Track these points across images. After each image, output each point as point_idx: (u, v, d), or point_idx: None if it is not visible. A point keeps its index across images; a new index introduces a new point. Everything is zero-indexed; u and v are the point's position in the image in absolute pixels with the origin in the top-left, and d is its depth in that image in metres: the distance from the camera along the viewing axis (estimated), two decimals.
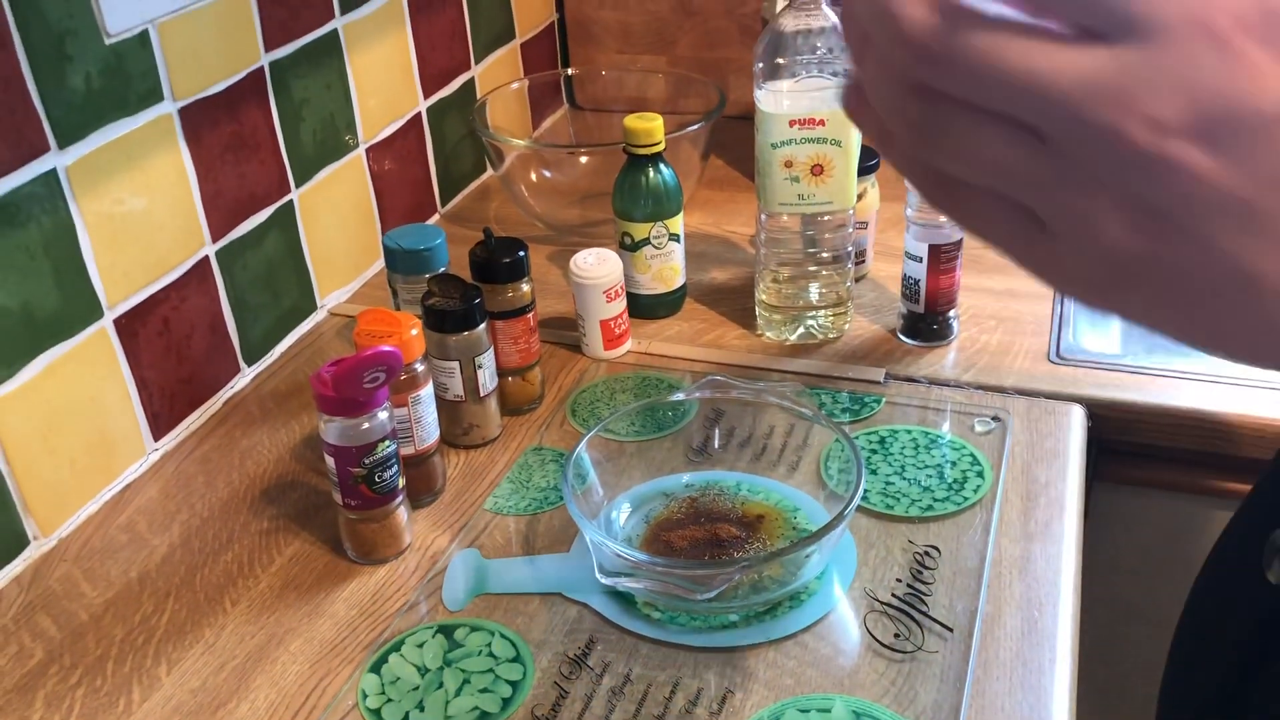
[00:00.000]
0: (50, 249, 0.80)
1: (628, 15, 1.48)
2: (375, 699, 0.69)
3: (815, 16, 0.91)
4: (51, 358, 0.81)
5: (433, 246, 0.93)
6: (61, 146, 0.80)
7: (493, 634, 0.73)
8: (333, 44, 1.06)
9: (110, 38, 0.82)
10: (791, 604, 0.73)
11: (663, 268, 1.03)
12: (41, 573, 0.81)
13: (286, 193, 1.03)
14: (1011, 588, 0.74)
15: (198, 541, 0.83)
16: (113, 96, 0.83)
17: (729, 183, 1.32)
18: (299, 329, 1.07)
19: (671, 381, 0.96)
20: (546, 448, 0.90)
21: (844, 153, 0.92)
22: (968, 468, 0.84)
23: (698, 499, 0.82)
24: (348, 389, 0.72)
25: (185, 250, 0.93)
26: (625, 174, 1.02)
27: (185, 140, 0.91)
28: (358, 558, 0.80)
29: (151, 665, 0.73)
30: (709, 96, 1.24)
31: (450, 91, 1.27)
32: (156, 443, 0.92)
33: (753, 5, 1.42)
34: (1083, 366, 0.94)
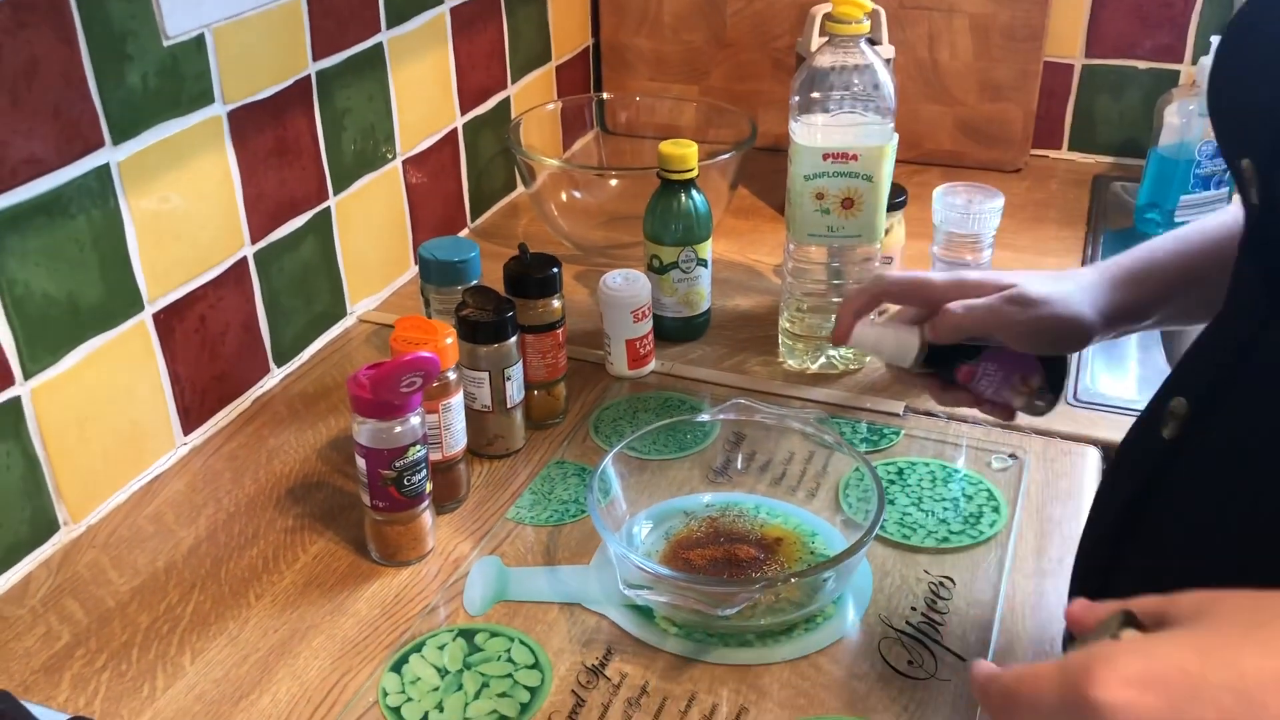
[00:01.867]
0: (98, 242, 0.82)
1: (662, 44, 1.50)
2: (395, 697, 0.70)
3: (852, 53, 0.93)
4: (92, 348, 0.83)
5: (467, 259, 0.95)
6: (116, 143, 0.82)
7: (512, 640, 0.74)
8: (377, 57, 1.09)
9: (169, 40, 0.85)
10: (808, 626, 0.74)
11: (689, 292, 1.05)
12: (70, 558, 0.82)
13: (325, 199, 1.05)
14: (1024, 622, 0.75)
15: (224, 535, 0.84)
16: (167, 96, 0.86)
17: (755, 212, 1.34)
18: (329, 333, 1.09)
19: (693, 403, 0.98)
20: (569, 462, 0.92)
21: (874, 188, 0.94)
22: (984, 502, 0.85)
23: (717, 519, 0.83)
24: (385, 392, 0.74)
25: (225, 250, 0.94)
26: (657, 198, 1.04)
27: (232, 143, 0.93)
28: (381, 559, 0.81)
29: (176, 653, 0.74)
30: (739, 127, 1.26)
31: (486, 109, 1.30)
32: (186, 437, 0.94)
33: (786, 40, 1.44)
34: (1099, 409, 0.95)
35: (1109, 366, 1.02)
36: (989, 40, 1.37)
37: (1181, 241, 0.72)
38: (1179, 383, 0.59)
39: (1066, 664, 0.41)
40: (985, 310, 0.71)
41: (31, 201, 0.76)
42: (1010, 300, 0.71)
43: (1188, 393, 0.56)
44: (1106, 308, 0.72)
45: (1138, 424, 0.63)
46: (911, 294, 0.73)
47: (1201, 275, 0.70)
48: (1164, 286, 0.72)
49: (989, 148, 1.43)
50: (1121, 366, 1.02)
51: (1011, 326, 0.72)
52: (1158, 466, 0.57)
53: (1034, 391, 0.72)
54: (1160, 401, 0.59)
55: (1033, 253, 1.22)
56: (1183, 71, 1.38)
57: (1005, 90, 1.39)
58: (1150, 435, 0.58)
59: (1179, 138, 1.22)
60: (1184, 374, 0.60)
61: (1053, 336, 0.72)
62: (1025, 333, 0.72)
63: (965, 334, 0.72)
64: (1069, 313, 0.71)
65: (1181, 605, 0.43)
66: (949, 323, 0.73)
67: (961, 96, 1.40)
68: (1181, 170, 1.23)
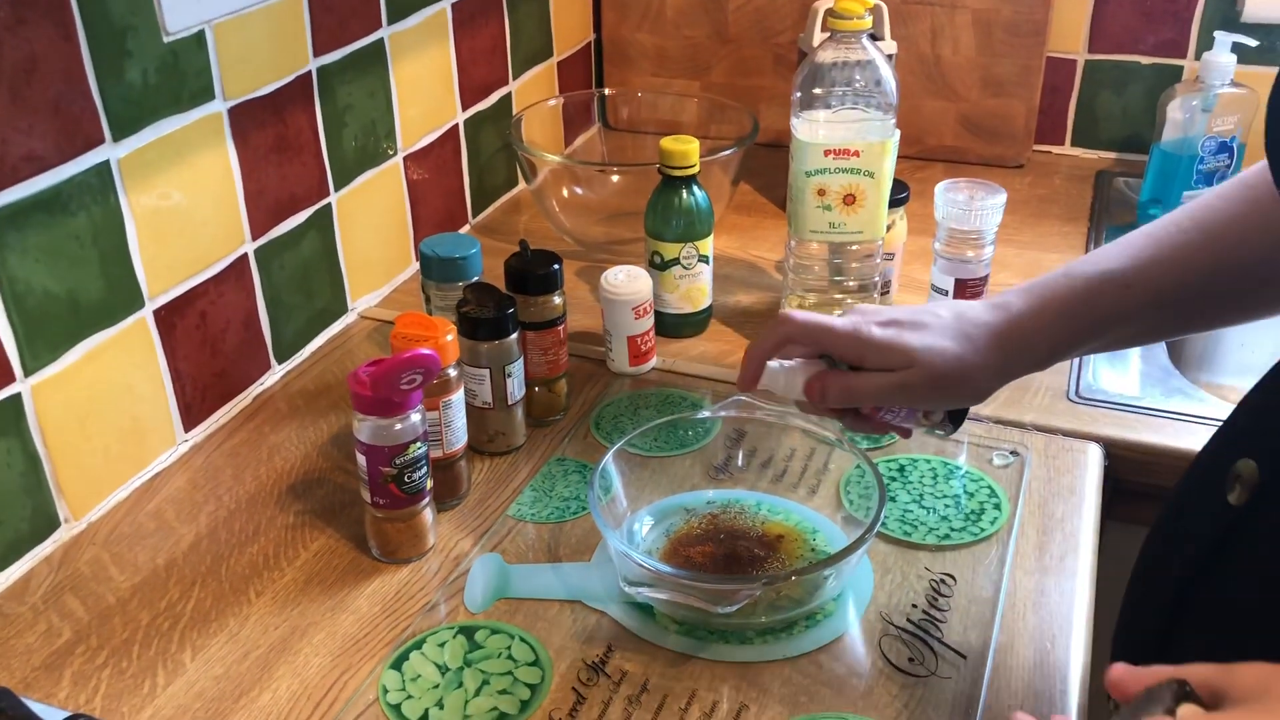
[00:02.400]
0: (99, 238, 0.82)
1: (664, 39, 1.50)
2: (396, 695, 0.70)
3: (854, 49, 0.93)
4: (92, 344, 0.83)
5: (468, 255, 0.95)
6: (116, 139, 0.82)
7: (513, 637, 0.74)
8: (378, 53, 1.09)
9: (169, 36, 0.84)
10: (808, 623, 0.74)
11: (690, 288, 1.05)
12: (71, 555, 0.82)
13: (325, 196, 1.05)
14: (1025, 619, 0.75)
15: (224, 532, 0.84)
16: (167, 93, 0.85)
17: (757, 208, 1.34)
18: (329, 330, 1.09)
19: (694, 400, 0.98)
20: (569, 459, 0.91)
21: (876, 184, 0.94)
22: (985, 499, 0.85)
23: (718, 516, 0.83)
24: (385, 389, 0.74)
25: (226, 247, 0.94)
26: (659, 194, 1.04)
27: (233, 139, 0.93)
28: (382, 556, 0.81)
29: (176, 650, 0.74)
30: (741, 123, 1.25)
31: (487, 105, 1.30)
32: (187, 434, 0.94)
33: (788, 35, 1.44)
34: (1101, 406, 0.95)
35: (1111, 362, 1.02)
36: (991, 36, 1.36)
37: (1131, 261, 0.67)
38: (1245, 441, 0.55)
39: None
40: (877, 390, 0.69)
41: (31, 198, 0.76)
42: (904, 387, 0.68)
43: (1258, 454, 0.52)
44: (1011, 369, 0.69)
45: (1194, 483, 0.58)
46: (812, 339, 0.71)
47: (1154, 299, 0.66)
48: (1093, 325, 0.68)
49: (991, 143, 1.42)
50: (1124, 362, 1.02)
51: (905, 402, 0.70)
52: (1222, 535, 0.53)
53: (936, 423, 0.73)
54: (1222, 460, 0.55)
55: (1035, 249, 1.22)
56: (1186, 67, 1.38)
57: (1008, 86, 1.38)
58: (1212, 499, 0.54)
59: (1182, 133, 1.22)
60: (1252, 431, 0.56)
61: (945, 403, 0.71)
62: (917, 404, 0.70)
63: (855, 403, 0.70)
64: (966, 389, 0.69)
65: (1243, 679, 0.40)
66: (840, 393, 0.70)
67: (964, 92, 1.40)
68: (1184, 166, 1.22)
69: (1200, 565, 0.54)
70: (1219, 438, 0.58)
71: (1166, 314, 0.67)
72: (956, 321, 0.69)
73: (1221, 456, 0.56)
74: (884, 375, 0.68)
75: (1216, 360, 1.21)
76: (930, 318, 0.69)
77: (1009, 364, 0.68)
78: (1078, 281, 0.67)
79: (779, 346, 0.71)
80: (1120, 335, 0.69)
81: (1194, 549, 0.55)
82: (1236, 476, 0.53)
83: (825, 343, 0.70)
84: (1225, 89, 1.19)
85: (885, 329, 0.68)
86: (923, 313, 0.70)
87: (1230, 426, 0.58)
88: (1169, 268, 0.66)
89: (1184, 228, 0.66)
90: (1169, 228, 0.67)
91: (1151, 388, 0.99)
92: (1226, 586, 0.53)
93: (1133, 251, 0.67)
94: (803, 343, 0.71)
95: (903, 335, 0.68)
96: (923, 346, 0.67)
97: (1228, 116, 1.20)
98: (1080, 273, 0.68)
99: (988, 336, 0.68)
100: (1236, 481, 0.53)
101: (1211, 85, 1.19)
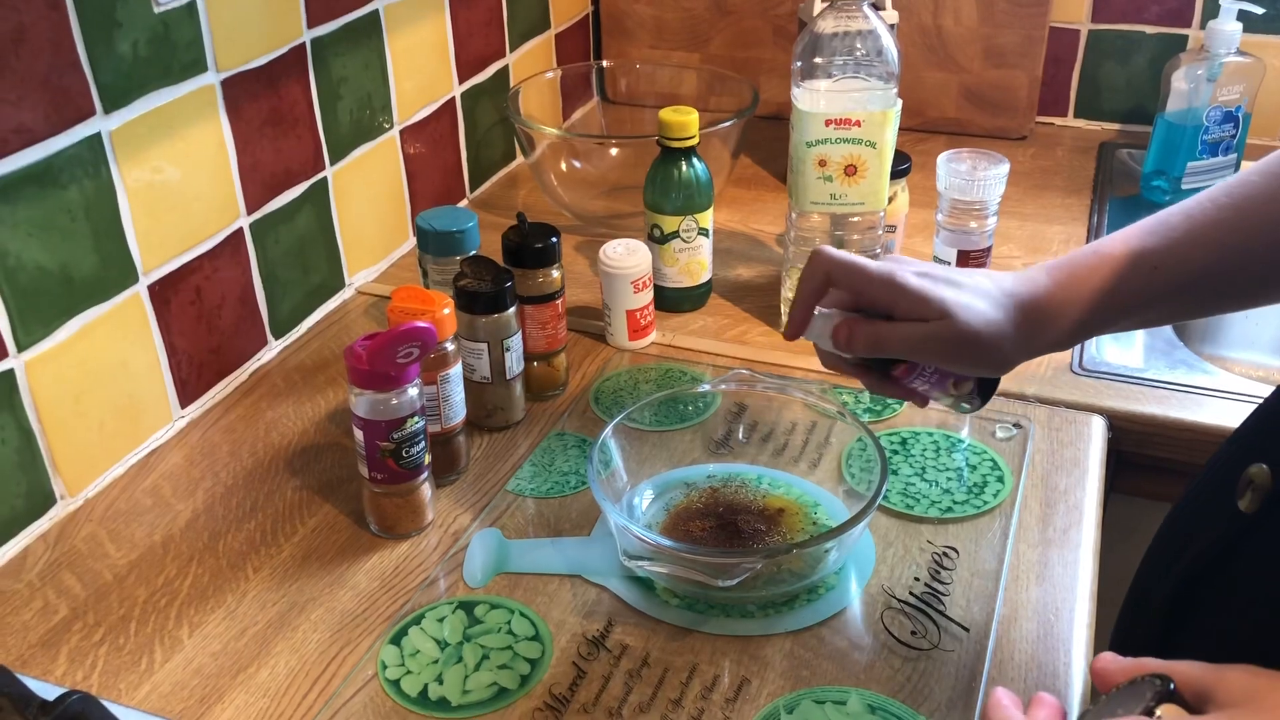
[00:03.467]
0: (91, 212, 0.81)
1: (662, 11, 1.48)
2: (395, 670, 0.69)
3: (855, 18, 0.91)
4: (86, 320, 0.82)
5: (465, 229, 0.94)
6: (107, 111, 0.81)
7: (512, 612, 0.73)
8: (373, 24, 1.07)
9: (159, 7, 0.83)
10: (809, 597, 0.74)
11: (690, 261, 1.04)
12: (67, 532, 0.82)
13: (321, 170, 1.04)
14: (1028, 591, 0.74)
15: (221, 509, 0.84)
16: (158, 65, 0.84)
17: (757, 181, 1.33)
18: (326, 305, 1.08)
19: (694, 374, 0.97)
20: (569, 433, 0.91)
21: (878, 154, 0.93)
22: (988, 472, 0.84)
23: (719, 490, 0.83)
24: (381, 363, 0.73)
25: (220, 221, 0.93)
26: (658, 167, 1.03)
27: (226, 112, 0.92)
28: (380, 531, 0.80)
29: (173, 627, 0.73)
30: (741, 95, 1.24)
31: (484, 78, 1.28)
32: (183, 410, 0.93)
33: (788, 6, 1.43)
34: (1105, 378, 0.94)
35: (1115, 335, 1.01)
36: (994, 6, 1.35)
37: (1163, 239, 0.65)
38: (1257, 445, 0.54)
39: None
40: (906, 339, 0.67)
41: (22, 171, 0.75)
42: (934, 338, 0.66)
43: (1271, 460, 0.51)
44: (1035, 345, 0.67)
45: (1204, 488, 0.57)
46: (845, 277, 0.68)
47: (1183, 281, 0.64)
48: (1119, 307, 0.66)
49: (994, 115, 1.41)
50: (1128, 336, 1.01)
51: (931, 356, 0.68)
52: (1231, 540, 0.52)
53: (965, 395, 0.71)
54: (1234, 465, 0.53)
55: (1038, 220, 1.21)
56: (1191, 36, 1.36)
57: (1010, 56, 1.37)
58: (1221, 504, 0.53)
59: (1186, 104, 1.21)
60: (1263, 435, 0.54)
61: (969, 366, 0.69)
62: (943, 361, 0.68)
63: (882, 352, 0.69)
64: (993, 355, 0.66)
65: (1229, 684, 0.39)
66: (867, 339, 0.68)
67: (966, 63, 1.39)
68: (1189, 137, 1.21)
69: (1206, 570, 0.53)
70: (1232, 442, 0.57)
71: (1193, 296, 0.65)
72: (991, 286, 0.67)
73: (1234, 461, 0.55)
74: (915, 325, 0.66)
75: (1221, 333, 1.20)
76: (964, 277, 0.67)
77: (1033, 339, 0.67)
78: (1105, 261, 0.65)
79: (822, 289, 0.69)
80: (1148, 316, 0.67)
81: (1201, 553, 0.54)
82: (1248, 482, 0.51)
83: (858, 283, 0.67)
84: (1231, 58, 1.18)
85: (921, 279, 0.66)
86: (955, 271, 0.68)
87: (1244, 431, 0.57)
88: (1200, 247, 0.63)
89: (1219, 204, 0.64)
90: (1204, 204, 0.64)
91: (1155, 360, 0.98)
92: (1233, 592, 0.52)
93: (1165, 229, 0.65)
94: (837, 282, 0.69)
95: (938, 287, 0.66)
96: (957, 302, 0.65)
97: (1233, 86, 1.19)
98: (1109, 251, 0.65)
99: (1016, 308, 0.66)
100: (1248, 487, 0.51)
101: (1217, 54, 1.18)
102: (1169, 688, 0.40)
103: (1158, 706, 0.39)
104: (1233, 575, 0.52)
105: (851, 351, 0.69)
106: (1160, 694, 0.39)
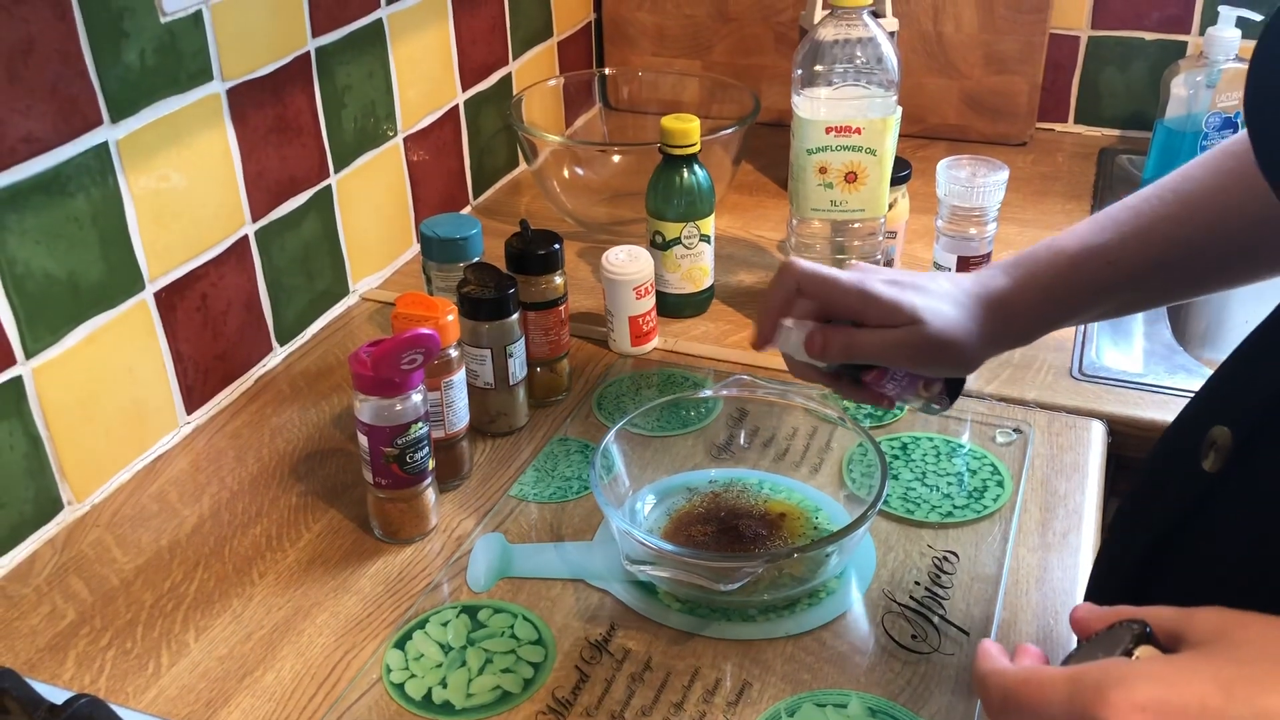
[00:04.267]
0: (98, 220, 0.82)
1: (664, 19, 1.49)
2: (399, 674, 0.70)
3: (855, 26, 0.92)
4: (93, 327, 0.83)
5: (469, 236, 0.94)
6: (114, 120, 0.81)
7: (515, 616, 0.74)
8: (377, 33, 1.08)
9: (166, 16, 0.84)
10: (810, 601, 0.74)
11: (692, 268, 1.05)
12: (74, 537, 0.82)
13: (326, 177, 1.05)
14: (1028, 595, 0.75)
15: (227, 514, 0.85)
16: (165, 74, 0.85)
17: (758, 188, 1.33)
18: (331, 312, 1.09)
19: (696, 380, 0.98)
20: (571, 439, 0.91)
21: (878, 161, 0.94)
22: (988, 477, 0.85)
23: (720, 494, 0.83)
24: (386, 369, 0.74)
25: (226, 229, 0.94)
26: (660, 173, 1.04)
27: (231, 120, 0.92)
28: (384, 536, 0.81)
29: (180, 631, 0.74)
30: (742, 102, 1.25)
31: (488, 86, 1.29)
32: (189, 416, 0.94)
33: (789, 14, 1.43)
34: (1104, 383, 0.95)
35: (1114, 340, 1.01)
36: (994, 12, 1.35)
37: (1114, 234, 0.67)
38: (1220, 408, 0.54)
39: (1078, 678, 0.39)
40: (879, 345, 0.68)
41: (30, 180, 0.76)
42: (904, 345, 0.67)
43: (1232, 420, 0.52)
44: (999, 342, 0.70)
45: (1167, 449, 0.58)
46: (815, 288, 0.70)
47: (1137, 272, 0.66)
48: (1077, 301, 0.68)
49: (994, 121, 1.42)
50: (1127, 340, 1.02)
51: (902, 361, 0.69)
52: (1195, 501, 0.53)
53: (934, 396, 0.72)
54: (1196, 426, 0.55)
55: (1039, 226, 1.22)
56: (1190, 42, 1.37)
57: (1010, 63, 1.38)
58: (1185, 465, 0.54)
59: (1186, 110, 1.21)
60: (1226, 397, 0.55)
61: (938, 369, 0.70)
62: (913, 365, 0.70)
63: (854, 358, 0.70)
64: (960, 356, 0.68)
65: (1200, 623, 0.41)
66: (841, 346, 0.69)
67: (966, 70, 1.39)
68: (1188, 142, 1.22)
69: (1173, 531, 0.55)
70: (1193, 405, 0.58)
71: (1150, 286, 0.68)
72: (953, 288, 0.69)
73: (1195, 423, 0.56)
74: (886, 331, 0.68)
75: (1220, 336, 1.21)
76: (928, 281, 0.70)
77: (998, 337, 0.69)
78: (1061, 258, 0.68)
79: (790, 300, 0.71)
80: (1105, 309, 0.70)
81: (1167, 514, 0.56)
82: (1211, 443, 0.53)
83: (829, 293, 0.69)
84: (1229, 64, 1.19)
85: (889, 286, 0.68)
86: (920, 276, 0.71)
87: (1204, 394, 0.58)
88: (1151, 241, 0.66)
89: (1165, 200, 0.66)
90: (1151, 200, 0.67)
91: (1155, 364, 0.98)
92: (1199, 552, 0.54)
93: (1115, 225, 0.67)
94: (807, 292, 0.70)
95: (907, 294, 0.68)
96: (926, 307, 0.67)
97: (1232, 92, 1.20)
98: (1063, 248, 0.68)
99: (980, 308, 0.69)
100: (1211, 448, 0.53)
101: (1215, 61, 1.19)
102: (1145, 630, 0.41)
103: (1135, 648, 0.41)
104: (1198, 533, 0.54)
105: (825, 359, 0.70)
106: (1138, 637, 0.41)
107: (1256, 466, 0.51)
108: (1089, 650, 0.43)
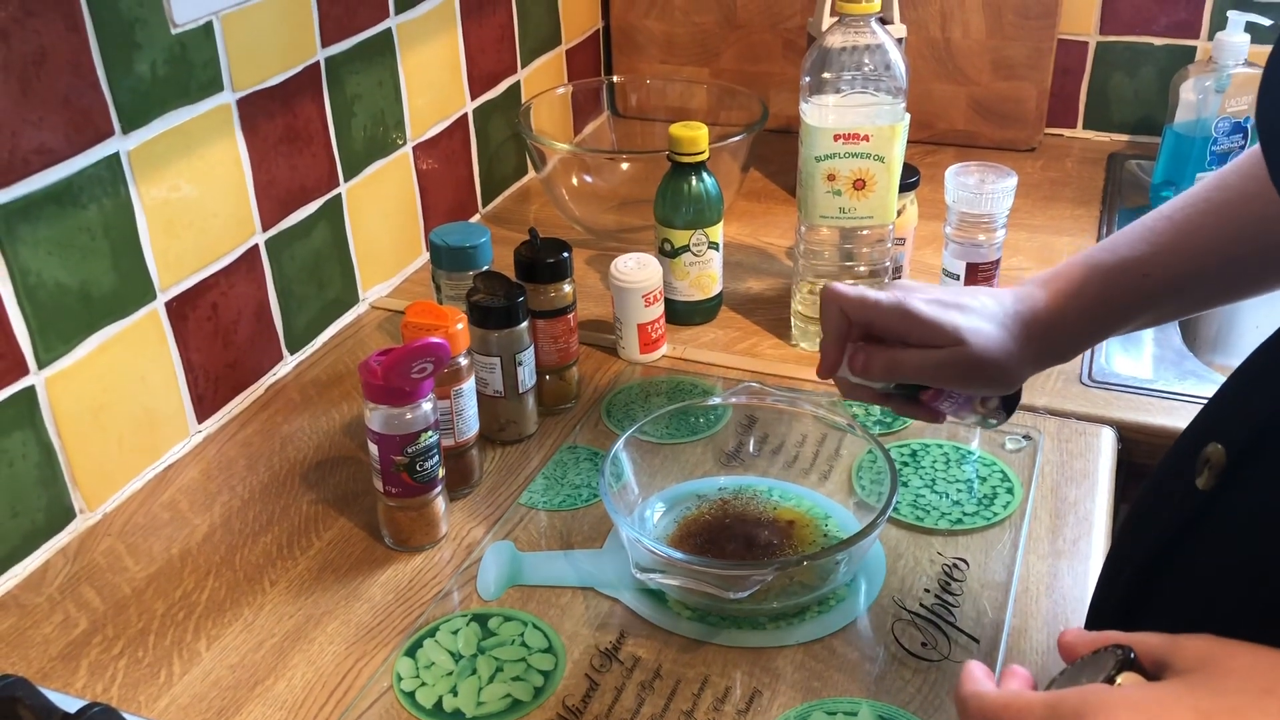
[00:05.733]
0: (109, 230, 0.82)
1: (672, 26, 1.50)
2: (410, 682, 0.70)
3: (863, 33, 0.92)
4: (105, 336, 0.84)
5: (478, 244, 0.95)
6: (125, 131, 0.82)
7: (526, 624, 0.74)
8: (386, 42, 1.09)
9: (176, 28, 0.85)
10: (820, 609, 0.74)
11: (701, 275, 1.05)
12: (86, 545, 0.83)
13: (335, 186, 1.05)
14: (1038, 603, 0.75)
15: (238, 522, 0.85)
16: (175, 85, 0.86)
17: (767, 195, 1.34)
18: (341, 320, 1.09)
19: (705, 387, 0.98)
20: (581, 446, 0.92)
21: (886, 168, 0.94)
22: (998, 484, 0.85)
23: (730, 502, 0.83)
24: (396, 378, 0.74)
25: (236, 238, 0.95)
26: (668, 181, 1.04)
27: (242, 130, 0.93)
28: (395, 544, 0.81)
29: (191, 640, 0.74)
30: (750, 109, 1.25)
31: (496, 94, 1.29)
32: (200, 425, 0.94)
33: (797, 20, 1.44)
34: (1114, 390, 0.95)
35: (1124, 346, 1.01)
36: (1002, 18, 1.35)
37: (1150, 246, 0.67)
38: (1215, 426, 0.55)
39: (1056, 704, 0.40)
40: (920, 365, 0.68)
41: (43, 191, 0.77)
42: (948, 365, 0.67)
43: (1226, 439, 0.52)
44: (1040, 360, 0.69)
45: (1166, 467, 0.58)
46: (857, 312, 0.69)
47: (1174, 284, 0.66)
48: (1115, 316, 0.68)
49: (1003, 127, 1.41)
50: (1137, 347, 1.02)
51: (943, 380, 0.69)
52: (1188, 518, 0.53)
53: (990, 411, 0.72)
54: (1192, 445, 0.55)
55: (1047, 232, 1.21)
56: (1199, 47, 1.36)
57: (1019, 69, 1.38)
58: (1181, 482, 0.54)
59: (1195, 115, 1.21)
60: (1221, 416, 0.55)
61: (979, 386, 0.70)
62: (959, 384, 0.69)
63: (899, 378, 0.70)
64: (1004, 375, 0.68)
65: (1186, 651, 0.41)
66: (884, 366, 0.69)
67: (974, 75, 1.39)
68: (1198, 148, 1.22)
69: (1166, 549, 0.54)
70: (1195, 421, 0.58)
71: (1189, 297, 0.67)
72: (995, 306, 0.69)
73: (1194, 440, 0.56)
74: (930, 352, 0.68)
75: (1230, 342, 1.21)
76: (970, 299, 0.69)
77: (1040, 355, 0.69)
78: (1097, 273, 0.67)
79: (845, 325, 0.70)
80: (1145, 320, 0.69)
81: (1161, 533, 0.55)
82: (1205, 461, 0.52)
83: (871, 317, 0.69)
84: (1239, 69, 1.18)
85: (931, 306, 0.68)
86: (961, 294, 0.70)
87: (1206, 410, 0.58)
88: (1187, 253, 0.65)
89: (1200, 209, 0.66)
90: (1186, 210, 0.66)
91: (1165, 370, 0.98)
92: (1191, 571, 0.53)
93: (1151, 237, 0.67)
94: (849, 314, 0.70)
95: (950, 314, 0.67)
96: (970, 327, 0.67)
97: (1241, 97, 1.19)
98: (1100, 262, 0.67)
99: (1021, 326, 0.68)
100: (1205, 466, 0.52)
101: (1225, 66, 1.18)
102: (1129, 657, 0.41)
103: (1118, 674, 0.41)
104: (1190, 552, 0.54)
105: (869, 379, 0.70)
106: (1121, 663, 0.41)
107: (1247, 485, 0.51)
108: (1072, 674, 0.44)
